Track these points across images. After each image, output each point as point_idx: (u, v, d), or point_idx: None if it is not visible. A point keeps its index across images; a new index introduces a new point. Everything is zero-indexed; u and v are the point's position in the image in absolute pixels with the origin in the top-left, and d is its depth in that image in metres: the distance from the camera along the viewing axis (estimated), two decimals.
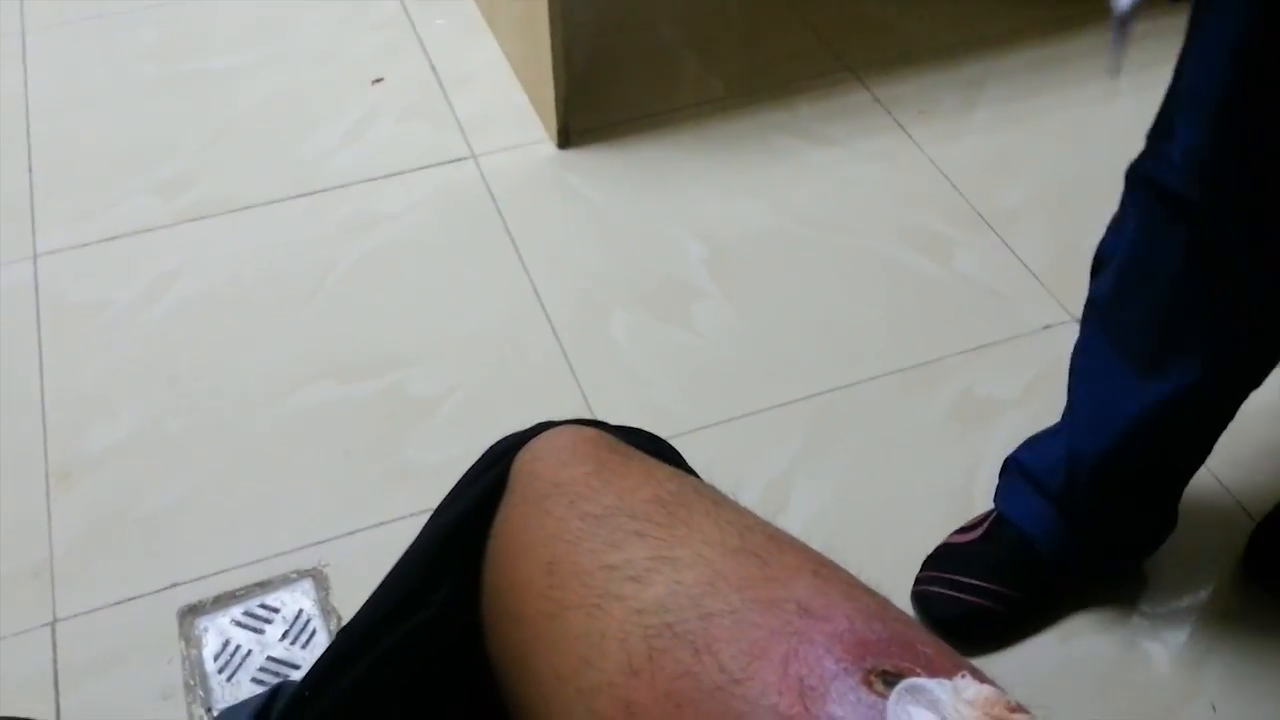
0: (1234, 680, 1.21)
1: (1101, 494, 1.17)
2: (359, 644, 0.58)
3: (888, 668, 0.42)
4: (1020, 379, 1.47)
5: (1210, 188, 0.94)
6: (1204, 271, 0.99)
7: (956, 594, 1.23)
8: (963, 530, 1.29)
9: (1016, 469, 1.25)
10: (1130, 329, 1.08)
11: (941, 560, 1.27)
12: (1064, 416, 1.20)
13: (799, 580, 0.45)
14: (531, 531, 0.53)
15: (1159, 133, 0.98)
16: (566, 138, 1.79)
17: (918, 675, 0.42)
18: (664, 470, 0.56)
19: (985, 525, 1.27)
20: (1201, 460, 1.18)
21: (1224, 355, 1.03)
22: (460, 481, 0.62)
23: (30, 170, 1.76)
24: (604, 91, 1.90)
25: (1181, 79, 0.93)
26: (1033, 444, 1.25)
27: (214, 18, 2.05)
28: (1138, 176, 1.03)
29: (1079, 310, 1.54)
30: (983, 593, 1.23)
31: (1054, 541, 1.21)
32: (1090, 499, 1.18)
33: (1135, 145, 1.05)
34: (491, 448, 0.62)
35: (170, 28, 2.03)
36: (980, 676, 0.43)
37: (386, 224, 1.68)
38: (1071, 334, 1.51)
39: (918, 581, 1.27)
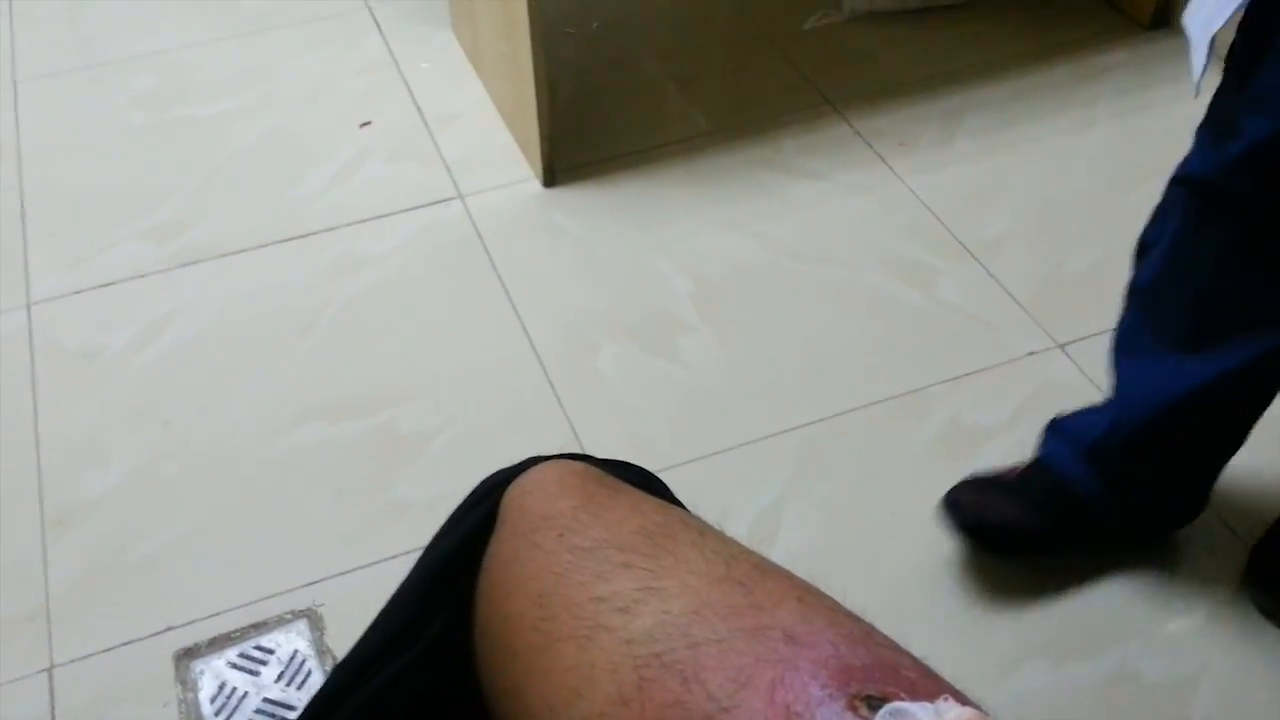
0: (1227, 703, 1.22)
1: (1138, 466, 1.23)
2: (353, 679, 0.59)
3: (872, 692, 0.43)
4: (1006, 406, 1.48)
5: (1270, 182, 1.01)
6: (1249, 263, 1.06)
7: (986, 504, 1.29)
8: (998, 473, 1.34)
9: (1060, 430, 1.30)
10: (1171, 315, 1.15)
11: (975, 482, 1.33)
12: (1110, 392, 1.25)
13: (784, 608, 0.46)
14: (522, 565, 0.54)
15: (1218, 133, 1.05)
16: (552, 176, 1.81)
17: (901, 699, 0.43)
18: (650, 502, 0.57)
19: (1022, 468, 1.32)
20: (1238, 444, 1.23)
21: (1263, 343, 1.09)
22: (450, 517, 0.63)
23: (23, 218, 1.77)
24: (588, 129, 1.92)
25: (1248, 83, 1.00)
26: (1078, 413, 1.30)
27: (202, 65, 2.07)
28: (1186, 173, 1.11)
29: (1063, 336, 1.56)
30: (1012, 513, 1.28)
31: (1089, 491, 1.26)
32: (1126, 468, 1.24)
33: (1115, 171, 1.07)
34: (481, 483, 0.63)
35: (160, 75, 2.05)
36: (962, 699, 0.44)
37: (375, 265, 1.69)
38: (1056, 361, 1.53)
39: (949, 492, 1.32)
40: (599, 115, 1.95)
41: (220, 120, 1.95)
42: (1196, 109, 1.09)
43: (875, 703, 0.44)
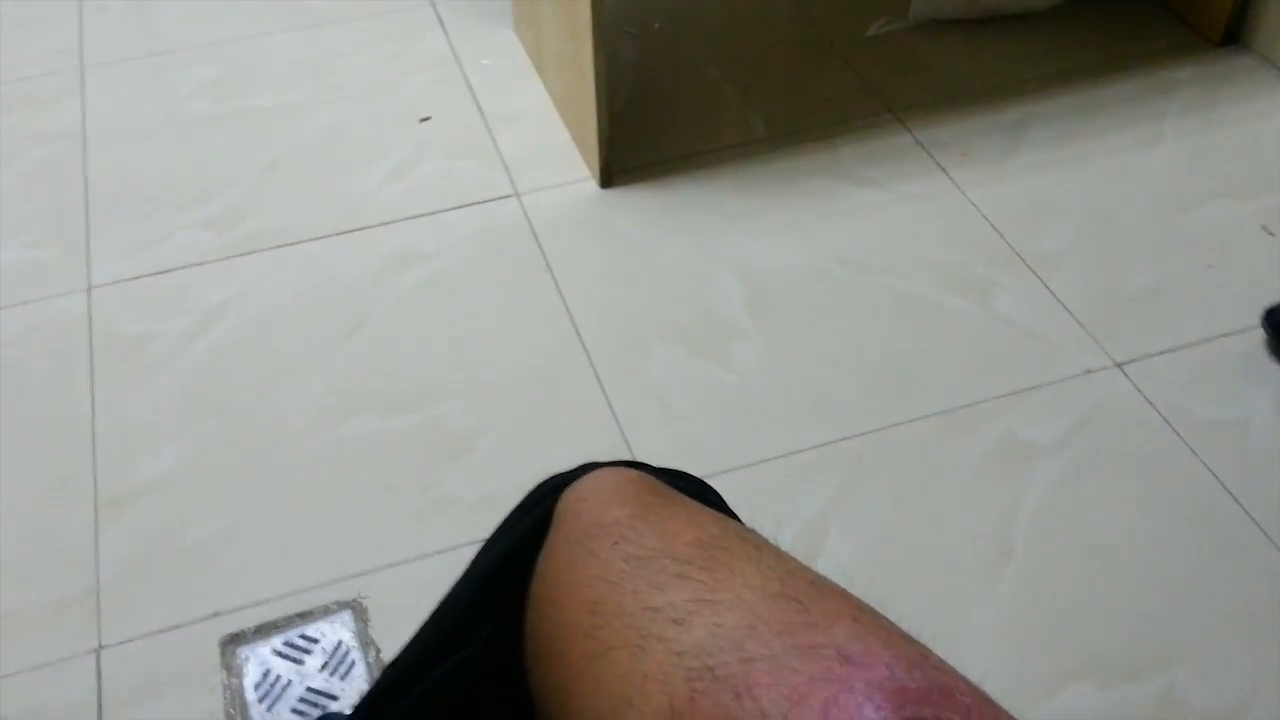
0: None
1: None
2: (404, 680, 0.59)
3: (926, 716, 0.43)
4: (1060, 424, 1.47)
5: None
6: None
7: None
8: None
9: None
10: None
11: None
12: None
13: (839, 626, 0.46)
14: (575, 571, 0.53)
15: None
16: (609, 177, 1.81)
17: None
18: (706, 514, 0.56)
19: None
20: None
21: None
22: (504, 520, 0.63)
23: (86, 203, 1.80)
24: (647, 131, 1.92)
25: None
26: None
27: (266, 56, 2.10)
28: None
29: (1121, 355, 1.54)
30: None
31: None
32: None
33: (1180, 189, 1.05)
34: (536, 487, 0.63)
35: (223, 66, 2.08)
36: None
37: (430, 260, 1.70)
38: (1113, 380, 1.51)
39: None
40: (658, 117, 1.95)
41: (281, 112, 1.97)
42: (1264, 128, 1.07)
43: None
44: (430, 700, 0.58)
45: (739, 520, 0.60)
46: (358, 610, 1.30)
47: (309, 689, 1.24)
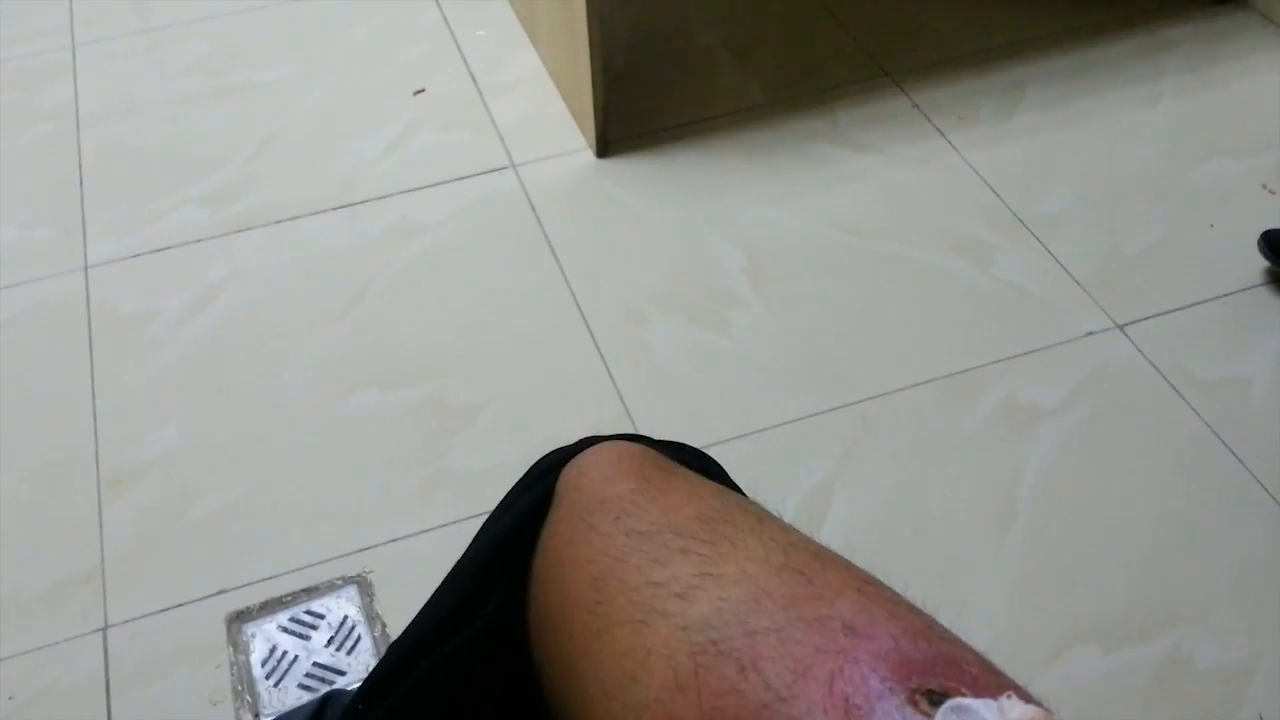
0: None
1: None
2: (408, 657, 0.59)
3: (933, 687, 0.43)
4: (1063, 386, 1.46)
5: None
6: None
7: None
8: None
9: None
10: None
11: None
12: None
13: (844, 598, 0.46)
14: (578, 547, 0.53)
15: None
16: (605, 146, 1.80)
17: (963, 695, 0.42)
18: (709, 487, 0.56)
19: None
20: None
21: None
22: (506, 496, 0.62)
23: (81, 182, 1.79)
24: (642, 99, 1.90)
25: None
26: None
27: (259, 31, 2.08)
28: None
29: (1122, 317, 1.53)
30: None
31: None
32: None
33: (1179, 148, 1.04)
34: (537, 463, 0.63)
35: (216, 41, 2.06)
36: (1026, 696, 0.43)
37: (428, 233, 1.69)
38: (1114, 341, 1.50)
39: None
40: (653, 86, 1.93)
41: (274, 86, 1.96)
42: (1262, 85, 1.06)
43: (936, 697, 0.43)
44: (435, 676, 0.58)
45: (741, 492, 0.59)
46: (363, 585, 1.31)
47: (315, 664, 1.25)
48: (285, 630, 1.27)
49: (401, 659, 0.60)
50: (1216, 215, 1.66)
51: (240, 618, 1.28)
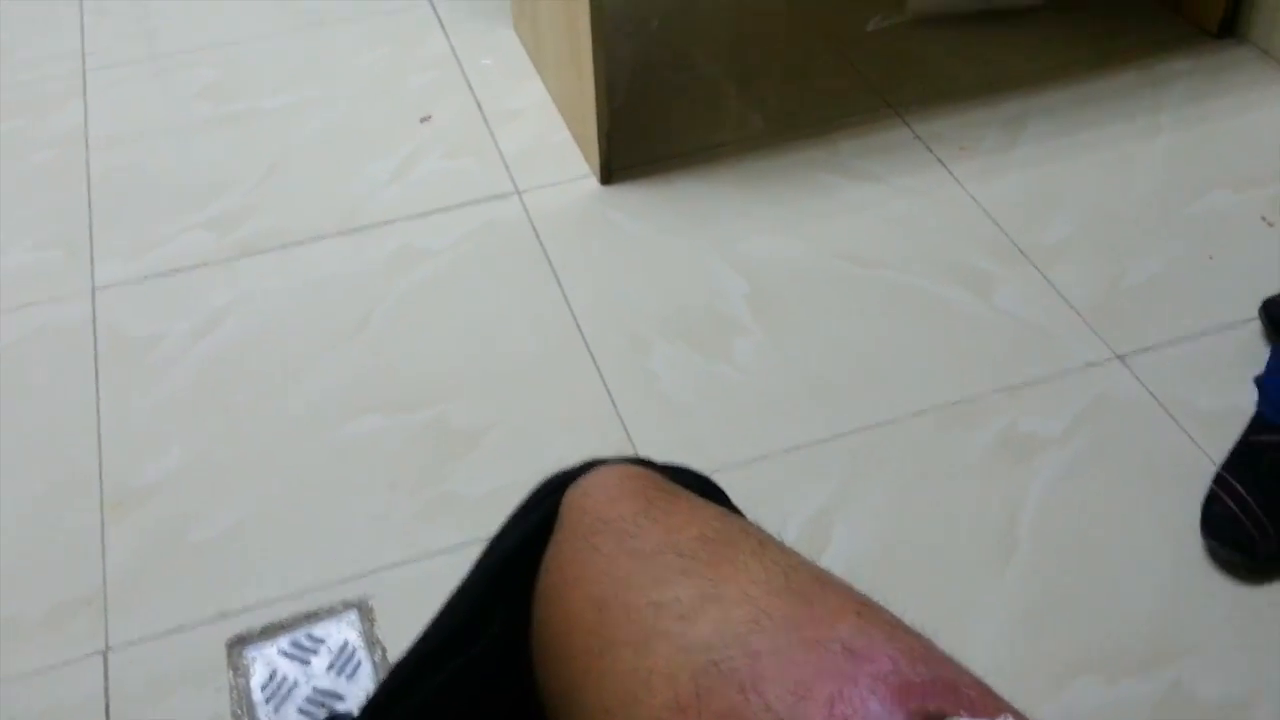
0: None
1: None
2: (411, 678, 0.59)
3: (932, 710, 0.43)
4: (1063, 417, 1.47)
5: None
6: None
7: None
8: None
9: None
10: None
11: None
12: None
13: (844, 621, 0.46)
14: (580, 568, 0.54)
15: None
16: (609, 174, 1.81)
17: (962, 718, 0.42)
18: (710, 509, 0.57)
19: None
20: None
21: None
22: (510, 518, 0.63)
23: (90, 205, 1.81)
24: (646, 128, 1.92)
25: None
26: None
27: (267, 58, 2.10)
28: None
29: (1123, 347, 1.54)
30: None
31: None
32: None
33: (1179, 180, 1.05)
34: (541, 484, 0.63)
35: (225, 68, 2.08)
36: (1022, 718, 0.43)
37: (432, 259, 1.70)
38: (1115, 372, 1.51)
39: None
40: (657, 114, 1.95)
41: (283, 113, 1.98)
42: (1261, 118, 1.07)
43: None
44: (437, 699, 0.58)
45: (743, 516, 0.60)
46: (364, 610, 1.31)
47: (316, 689, 1.25)
48: (285, 655, 1.27)
49: (403, 681, 0.60)
50: (1216, 247, 1.67)
51: (241, 641, 1.28)
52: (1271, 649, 1.25)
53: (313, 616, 1.30)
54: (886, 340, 1.57)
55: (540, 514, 0.60)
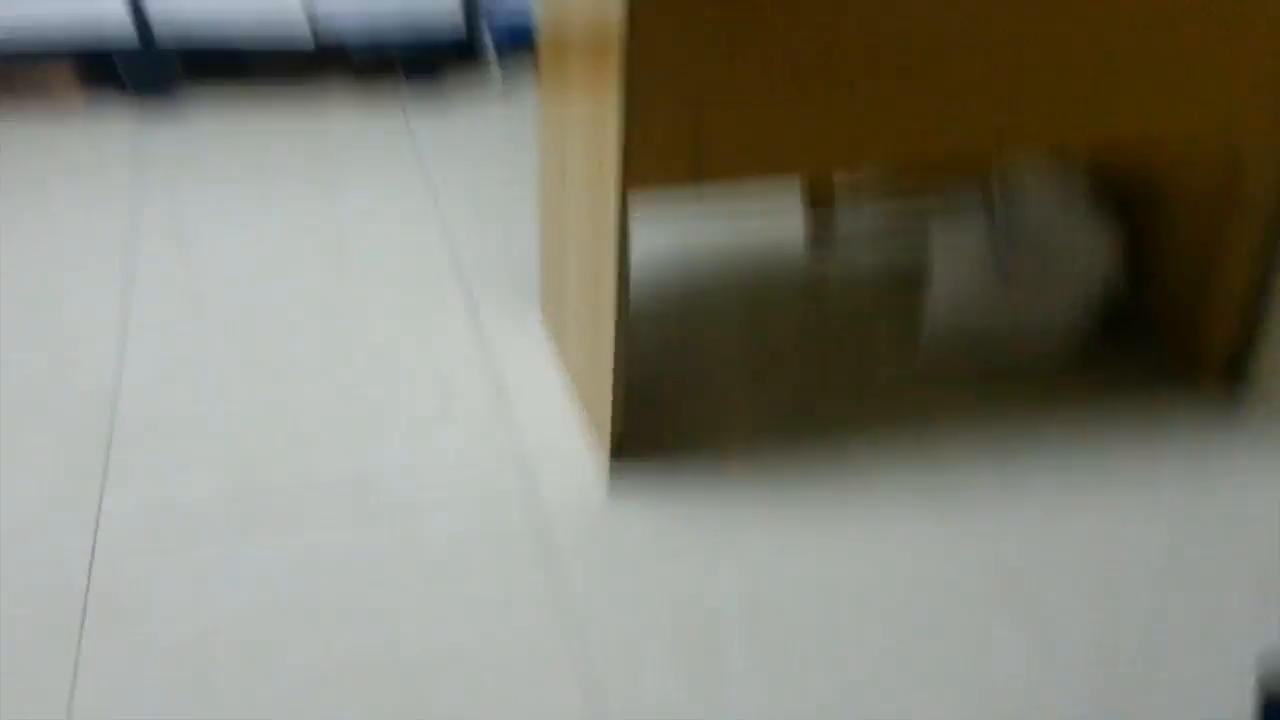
0: None
1: None
2: None
3: None
4: None
5: None
6: None
7: None
8: None
9: None
10: None
11: None
12: None
13: None
14: None
15: None
16: (619, 471, 1.85)
17: None
18: None
19: None
20: None
21: None
22: None
23: (109, 451, 1.85)
24: (659, 424, 1.96)
25: None
26: None
27: (297, 323, 2.18)
28: None
29: None
30: None
31: None
32: None
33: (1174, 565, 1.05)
34: None
35: (258, 323, 2.16)
36: None
37: (434, 548, 1.71)
38: None
39: None
40: (670, 412, 2.00)
41: (304, 376, 2.04)
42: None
43: None
44: None
45: None
46: None
47: None
48: None
49: None
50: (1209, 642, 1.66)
51: None
52: None
53: None
54: (890, 670, 1.55)
55: None
